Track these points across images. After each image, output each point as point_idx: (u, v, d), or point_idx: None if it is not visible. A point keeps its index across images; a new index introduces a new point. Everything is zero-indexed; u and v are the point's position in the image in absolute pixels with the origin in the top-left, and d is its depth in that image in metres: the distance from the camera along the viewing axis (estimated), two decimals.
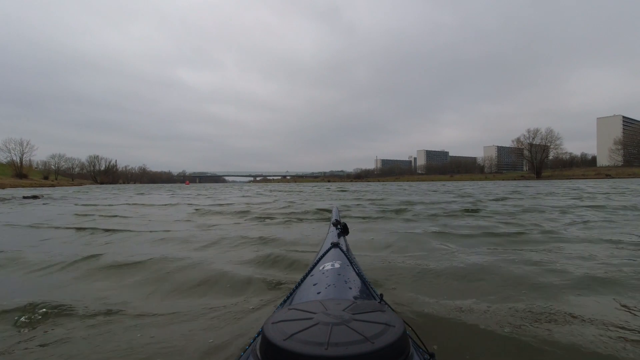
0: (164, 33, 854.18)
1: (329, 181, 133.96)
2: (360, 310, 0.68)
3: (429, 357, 0.72)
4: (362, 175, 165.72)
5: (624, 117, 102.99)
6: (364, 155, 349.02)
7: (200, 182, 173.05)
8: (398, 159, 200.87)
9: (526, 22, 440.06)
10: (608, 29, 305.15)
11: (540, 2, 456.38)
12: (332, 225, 2.00)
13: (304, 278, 1.21)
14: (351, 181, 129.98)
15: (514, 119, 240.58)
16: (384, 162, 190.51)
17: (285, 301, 1.09)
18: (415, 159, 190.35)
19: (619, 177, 64.93)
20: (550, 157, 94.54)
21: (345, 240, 1.78)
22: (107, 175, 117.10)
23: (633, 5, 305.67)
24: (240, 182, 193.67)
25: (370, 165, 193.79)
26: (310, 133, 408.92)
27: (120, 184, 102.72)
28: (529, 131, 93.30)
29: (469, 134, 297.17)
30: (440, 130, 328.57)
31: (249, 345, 0.75)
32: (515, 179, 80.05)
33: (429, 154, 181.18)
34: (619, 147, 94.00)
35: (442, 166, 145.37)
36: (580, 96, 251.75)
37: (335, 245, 1.47)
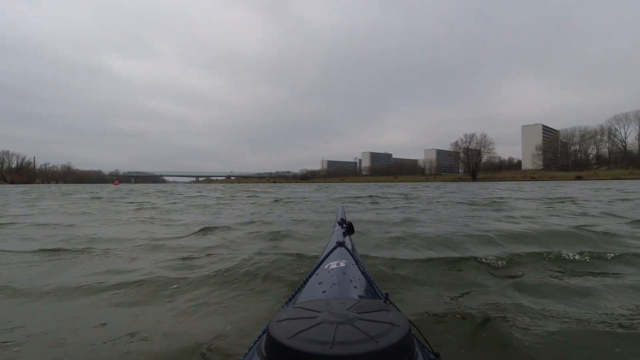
0: (86, 12, 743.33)
1: (274, 182, 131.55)
2: (365, 310, 0.68)
3: (434, 357, 0.71)
4: (308, 176, 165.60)
5: (543, 126, 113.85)
6: (311, 156, 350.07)
7: (136, 182, 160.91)
8: (344, 160, 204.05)
9: (468, 31, 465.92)
10: (536, 45, 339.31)
11: (480, 13, 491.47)
12: (337, 224, 2.00)
13: (309, 277, 1.21)
14: (297, 182, 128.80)
15: (453, 123, 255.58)
16: (330, 163, 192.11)
17: (290, 300, 1.09)
18: (360, 160, 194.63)
19: (541, 180, 71.21)
20: (484, 161, 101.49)
21: (351, 239, 1.79)
22: (20, 173, 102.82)
23: (560, 25, 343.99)
24: (181, 182, 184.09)
25: (317, 166, 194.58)
26: (256, 132, 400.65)
27: (37, 183, 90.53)
28: (466, 136, 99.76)
29: (412, 137, 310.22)
30: (385, 133, 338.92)
31: (254, 344, 0.75)
32: (454, 181, 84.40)
33: (374, 156, 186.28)
34: (540, 152, 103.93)
35: (386, 168, 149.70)
36: (510, 104, 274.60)
37: (340, 244, 1.47)
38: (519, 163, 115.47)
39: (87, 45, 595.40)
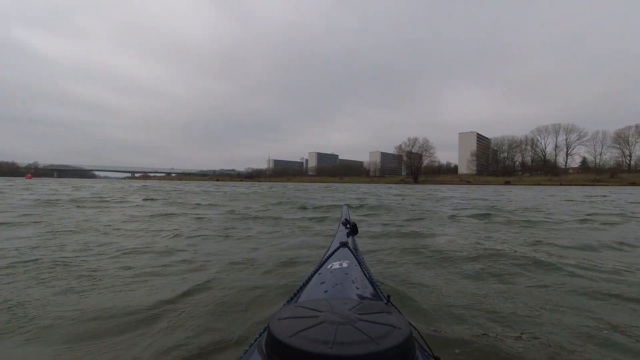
0: None
1: (217, 180, 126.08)
2: (367, 311, 0.67)
3: None
4: (253, 175, 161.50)
5: (477, 133, 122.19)
6: (258, 154, 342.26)
7: (59, 176, 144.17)
8: (291, 159, 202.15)
9: (415, 37, 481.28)
10: (475, 58, 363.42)
11: (428, 21, 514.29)
12: (341, 224, 2.01)
13: (312, 276, 1.21)
14: (241, 181, 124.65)
15: (399, 127, 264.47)
16: (276, 162, 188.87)
17: (292, 298, 1.08)
18: (306, 160, 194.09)
19: (476, 184, 75.75)
20: (425, 164, 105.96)
21: (354, 240, 1.78)
22: None
23: (494, 42, 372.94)
24: (115, 178, 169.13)
25: (263, 165, 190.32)
26: (200, 127, 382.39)
27: None
28: (409, 139, 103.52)
29: (358, 138, 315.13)
30: (332, 134, 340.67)
31: (255, 341, 0.75)
32: (397, 183, 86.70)
33: (320, 156, 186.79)
34: (474, 158, 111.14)
35: (332, 168, 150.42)
36: (450, 112, 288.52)
37: (344, 244, 1.47)
38: (456, 167, 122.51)
39: None
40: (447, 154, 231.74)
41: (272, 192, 20.57)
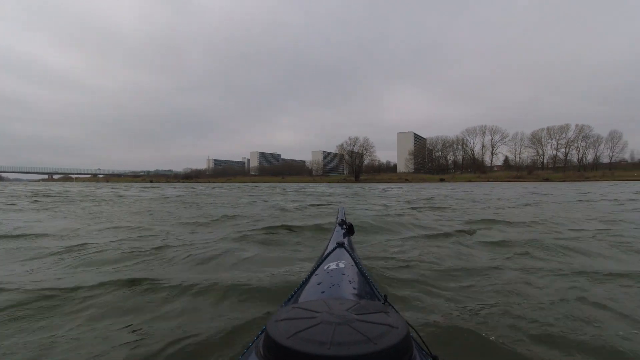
0: None
1: (151, 181, 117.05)
2: (364, 311, 0.68)
3: None
4: (192, 176, 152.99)
5: (414, 133, 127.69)
6: (197, 154, 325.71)
7: None
8: (232, 159, 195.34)
9: (360, 38, 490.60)
10: (414, 62, 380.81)
11: (372, 21, 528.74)
12: (337, 224, 2.01)
13: (309, 277, 1.20)
14: (178, 181, 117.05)
15: (342, 127, 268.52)
16: (216, 162, 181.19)
17: (289, 299, 1.08)
18: (248, 160, 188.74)
19: (413, 182, 78.58)
20: (365, 163, 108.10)
21: (351, 241, 1.80)
22: None
23: (431, 48, 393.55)
24: (28, 180, 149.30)
25: (203, 166, 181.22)
26: (133, 124, 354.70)
27: None
28: (350, 139, 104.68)
29: (301, 138, 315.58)
30: (275, 133, 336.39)
31: (252, 343, 0.74)
32: (338, 182, 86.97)
33: (262, 156, 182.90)
34: (411, 157, 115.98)
35: (275, 168, 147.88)
36: (390, 112, 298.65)
37: (340, 245, 1.47)
38: (395, 166, 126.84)
39: None
40: (386, 153, 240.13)
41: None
